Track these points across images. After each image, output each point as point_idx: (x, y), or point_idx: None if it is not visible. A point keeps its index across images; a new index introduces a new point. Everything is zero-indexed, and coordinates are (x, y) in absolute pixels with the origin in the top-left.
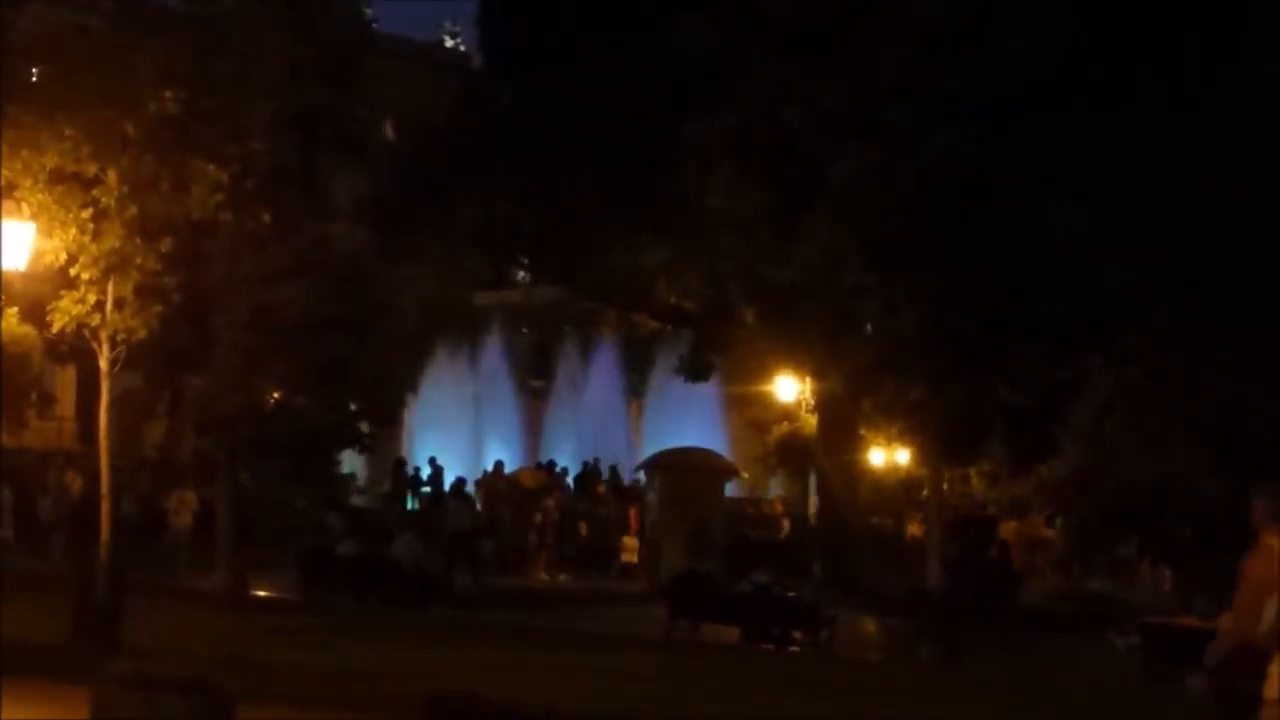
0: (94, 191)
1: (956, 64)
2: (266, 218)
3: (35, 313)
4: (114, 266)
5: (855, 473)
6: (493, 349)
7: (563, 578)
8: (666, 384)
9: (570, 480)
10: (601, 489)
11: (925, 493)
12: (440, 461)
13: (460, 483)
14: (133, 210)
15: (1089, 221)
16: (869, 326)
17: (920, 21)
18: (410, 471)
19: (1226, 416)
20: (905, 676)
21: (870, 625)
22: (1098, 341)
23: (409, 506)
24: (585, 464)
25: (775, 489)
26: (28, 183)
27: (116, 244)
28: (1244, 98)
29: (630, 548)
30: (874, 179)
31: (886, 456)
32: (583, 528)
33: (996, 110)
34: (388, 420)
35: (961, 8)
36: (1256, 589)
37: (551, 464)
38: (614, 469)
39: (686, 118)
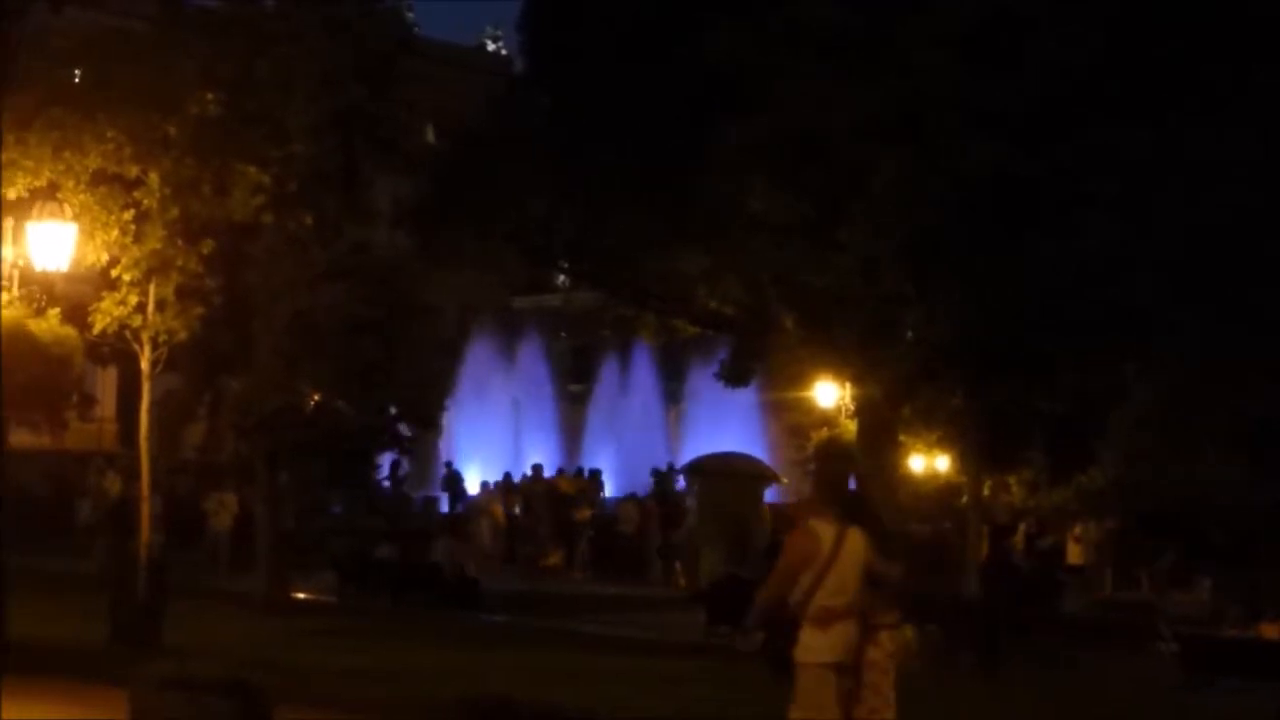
0: (136, 193)
1: (992, 73)
2: (308, 220)
3: (77, 314)
4: (155, 268)
5: (895, 479)
6: (531, 353)
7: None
8: (705, 389)
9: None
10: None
11: (964, 499)
12: (459, 466)
13: (455, 519)
14: (174, 212)
15: (1123, 231)
16: (909, 334)
17: (956, 29)
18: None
19: (1264, 427)
20: (943, 684)
21: (908, 632)
22: (1134, 350)
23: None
24: (657, 471)
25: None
26: (70, 184)
27: (158, 246)
28: (1276, 108)
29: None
30: (911, 187)
31: (926, 463)
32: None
33: (1032, 120)
34: (427, 423)
35: (997, 17)
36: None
37: (595, 472)
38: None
39: (725, 124)
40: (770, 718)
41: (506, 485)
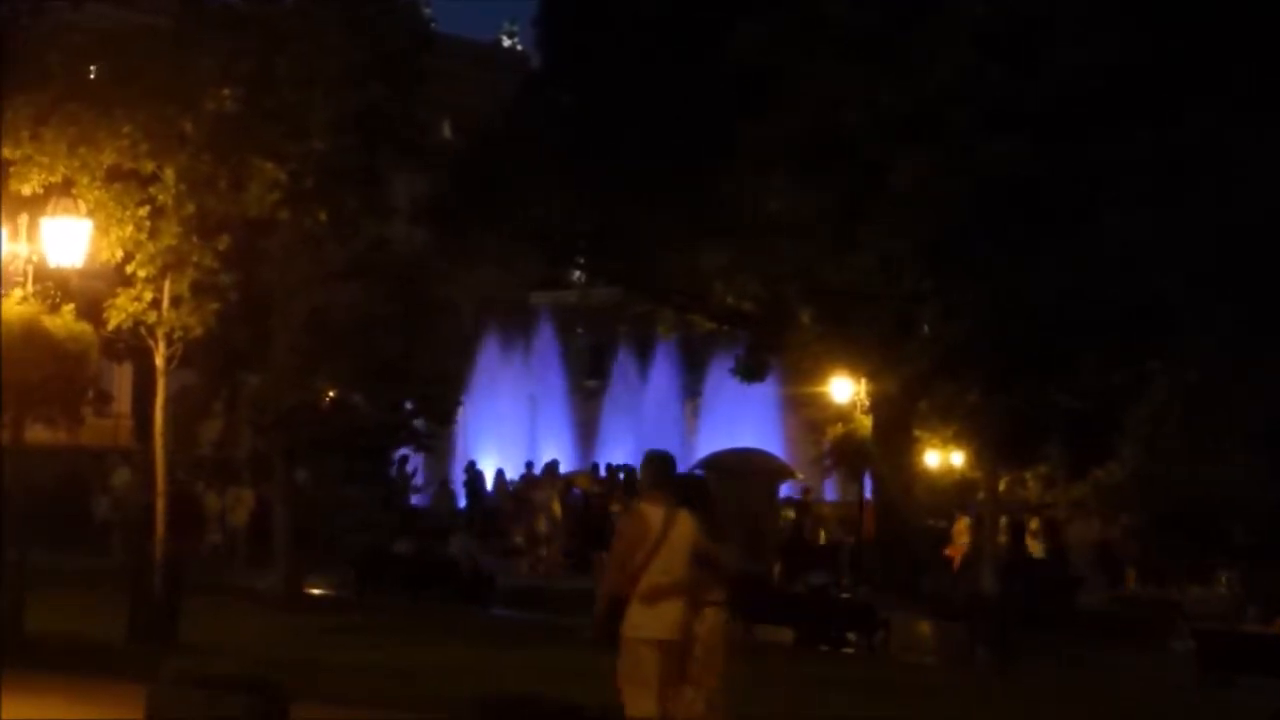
0: (151, 189)
1: (1014, 69)
2: (324, 217)
3: (92, 310)
4: (171, 264)
5: (910, 474)
6: (548, 349)
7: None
8: (722, 385)
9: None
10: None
11: (981, 495)
12: (482, 465)
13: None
14: (190, 208)
15: (1146, 227)
16: (926, 329)
17: (978, 26)
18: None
19: None
20: (960, 680)
21: (925, 628)
22: (1154, 347)
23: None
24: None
25: (831, 491)
26: (85, 180)
27: (173, 242)
28: None
29: None
30: (932, 183)
31: (942, 458)
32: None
33: (1055, 116)
34: (443, 419)
35: (1019, 12)
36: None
37: (612, 469)
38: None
39: (745, 120)
40: (786, 710)
41: (553, 476)
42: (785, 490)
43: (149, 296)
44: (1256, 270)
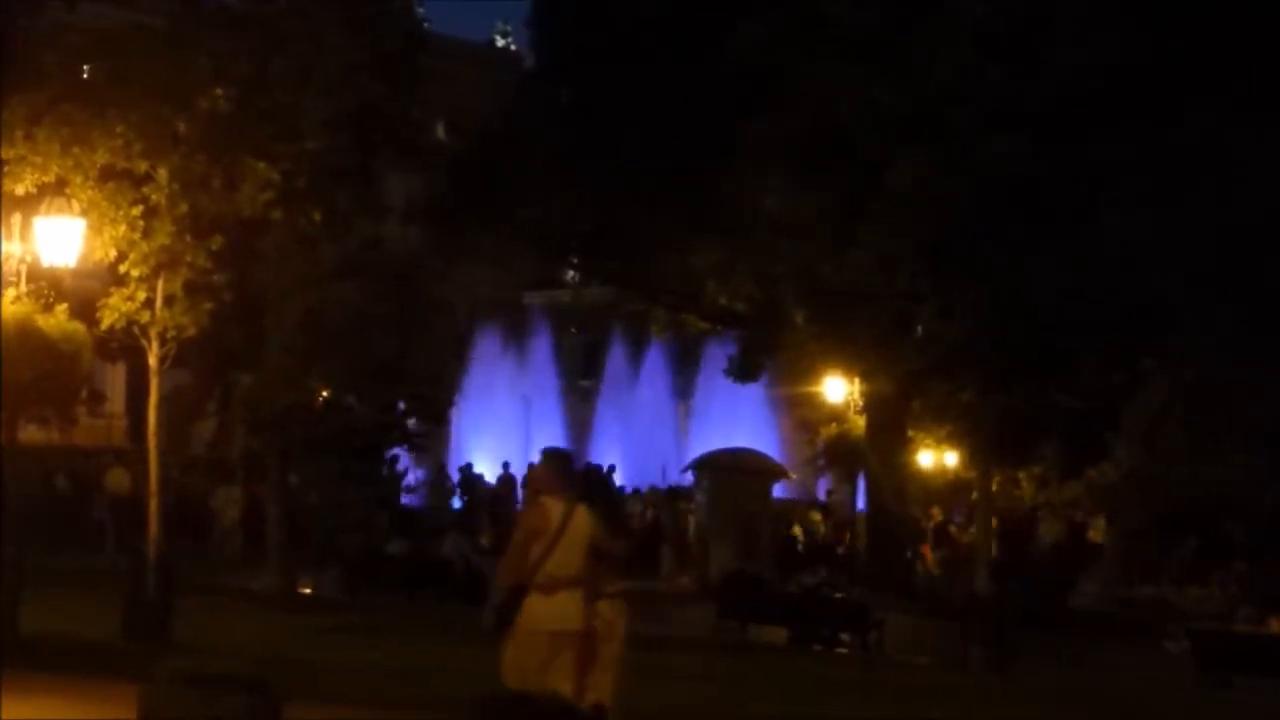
0: (144, 189)
1: (1014, 69)
2: (317, 217)
3: (85, 310)
4: (164, 264)
5: (904, 474)
6: (541, 349)
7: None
8: (715, 385)
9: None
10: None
11: (974, 495)
12: (479, 467)
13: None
14: (183, 207)
15: (1145, 227)
16: (920, 329)
17: (977, 26)
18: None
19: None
20: (954, 680)
21: (919, 627)
22: (1153, 347)
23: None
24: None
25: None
26: (78, 179)
27: (166, 241)
28: None
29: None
30: (931, 183)
31: (935, 458)
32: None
33: (1054, 116)
34: (437, 419)
35: (1020, 12)
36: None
37: (610, 468)
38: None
39: (742, 119)
40: (782, 710)
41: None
42: (779, 491)
43: (142, 296)
44: (1256, 270)
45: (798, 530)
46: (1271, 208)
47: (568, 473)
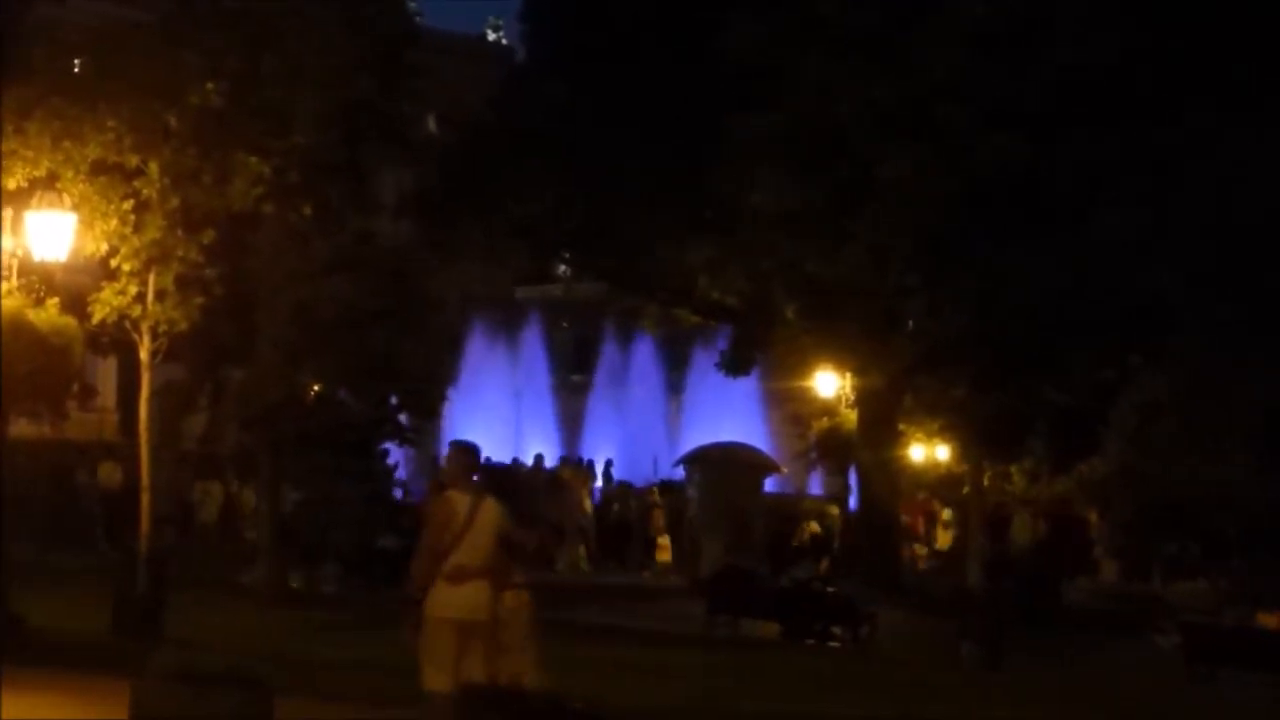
0: (135, 183)
1: (1009, 66)
2: (309, 211)
3: (76, 304)
4: (155, 258)
5: (895, 468)
6: (533, 343)
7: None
8: (706, 379)
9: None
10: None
11: (966, 489)
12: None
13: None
14: (174, 202)
15: (1139, 225)
16: (911, 324)
17: (973, 23)
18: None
19: (1271, 421)
20: (946, 676)
21: (911, 622)
22: (1144, 344)
23: None
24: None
25: (816, 485)
26: (69, 174)
27: (158, 235)
28: None
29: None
30: (923, 179)
31: (926, 452)
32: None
33: (1048, 113)
34: (429, 414)
35: (1019, 11)
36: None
37: (608, 463)
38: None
39: (735, 115)
40: (774, 706)
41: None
42: (770, 485)
43: (133, 290)
44: (1249, 268)
45: (815, 526)
46: (1265, 207)
47: (474, 466)
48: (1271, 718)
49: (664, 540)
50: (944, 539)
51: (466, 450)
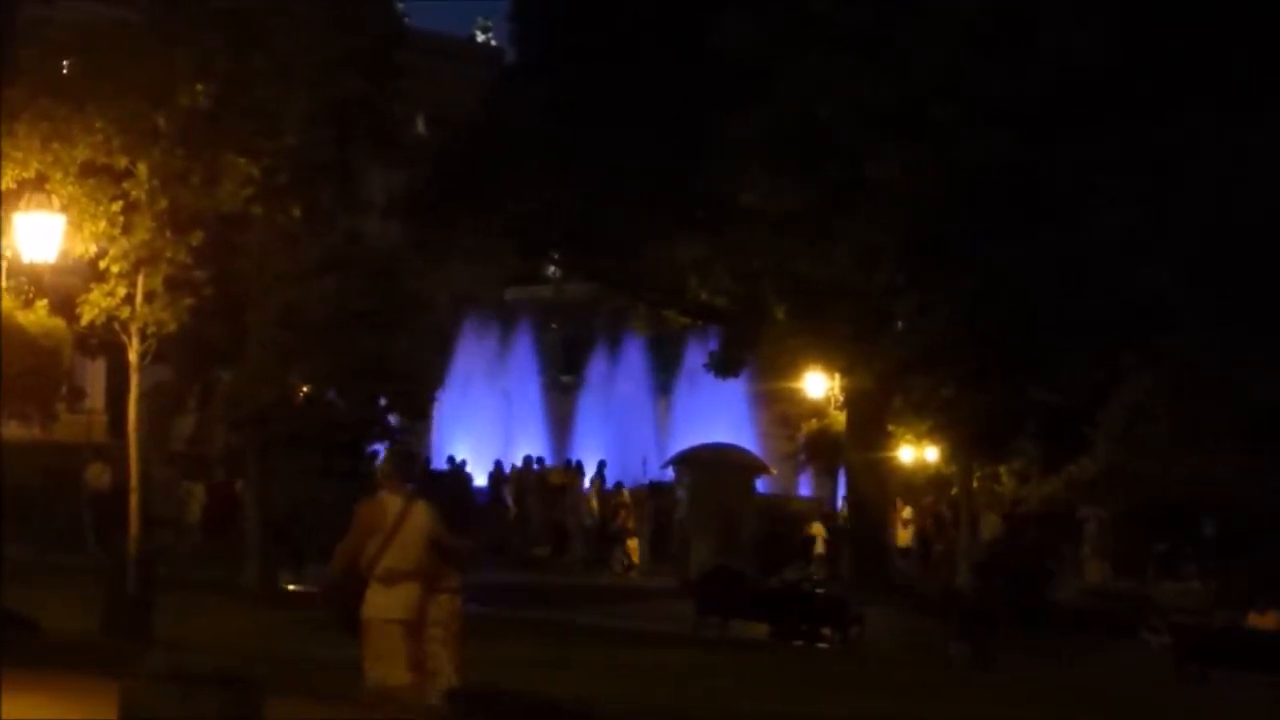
0: (124, 184)
1: (1001, 65)
2: (298, 212)
3: (65, 305)
4: (144, 259)
5: (885, 469)
6: (523, 344)
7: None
8: (696, 380)
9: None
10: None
11: (955, 490)
12: (460, 458)
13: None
14: (163, 203)
15: (1129, 225)
16: (900, 325)
17: (964, 22)
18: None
19: (1263, 421)
20: (935, 676)
21: (900, 622)
22: (1133, 344)
23: None
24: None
25: (805, 486)
26: (58, 175)
27: (146, 237)
28: None
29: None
30: (913, 178)
31: (916, 453)
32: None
33: (1040, 112)
34: (418, 415)
35: (1007, 9)
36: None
37: (579, 463)
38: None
39: (724, 115)
40: (765, 706)
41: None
42: (760, 486)
43: (122, 292)
44: (1239, 267)
45: (818, 529)
46: (1259, 206)
47: (408, 470)
48: (1266, 718)
49: (632, 542)
50: (904, 536)
51: (400, 455)
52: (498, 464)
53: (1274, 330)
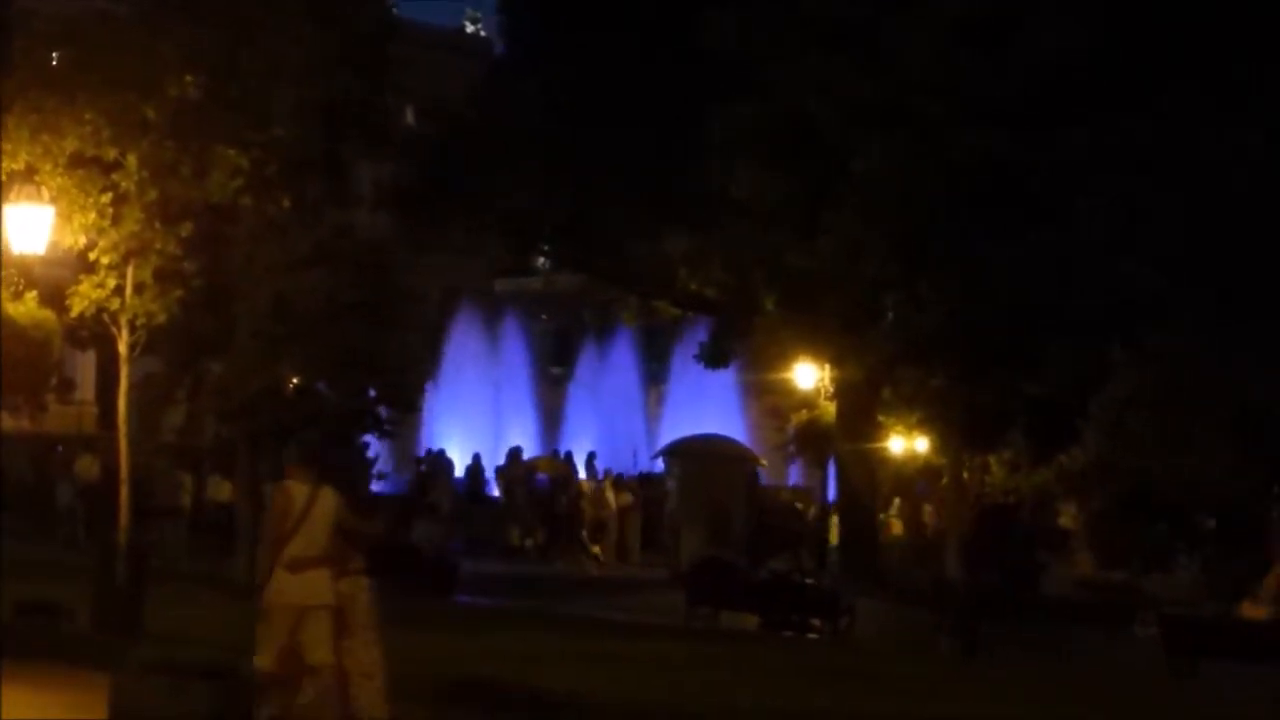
0: (114, 176)
1: (987, 60)
2: (287, 204)
3: (55, 297)
4: (133, 251)
5: (874, 460)
6: (512, 336)
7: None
8: (686, 371)
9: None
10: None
11: (945, 480)
12: (451, 453)
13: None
14: (152, 195)
15: (1114, 217)
16: (890, 316)
17: (950, 16)
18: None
19: (1250, 411)
20: (923, 667)
21: (890, 614)
22: (1121, 335)
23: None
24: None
25: (795, 477)
26: (48, 167)
27: (136, 228)
28: (1269, 96)
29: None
30: (898, 171)
31: (906, 444)
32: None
33: (1026, 107)
34: (408, 407)
35: (994, 4)
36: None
37: (568, 454)
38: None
39: (711, 106)
40: (756, 698)
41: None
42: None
43: (112, 283)
44: (1226, 261)
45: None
46: (1241, 200)
47: (313, 458)
48: (1258, 710)
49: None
50: (895, 526)
51: (305, 443)
52: (476, 457)
53: (1262, 324)
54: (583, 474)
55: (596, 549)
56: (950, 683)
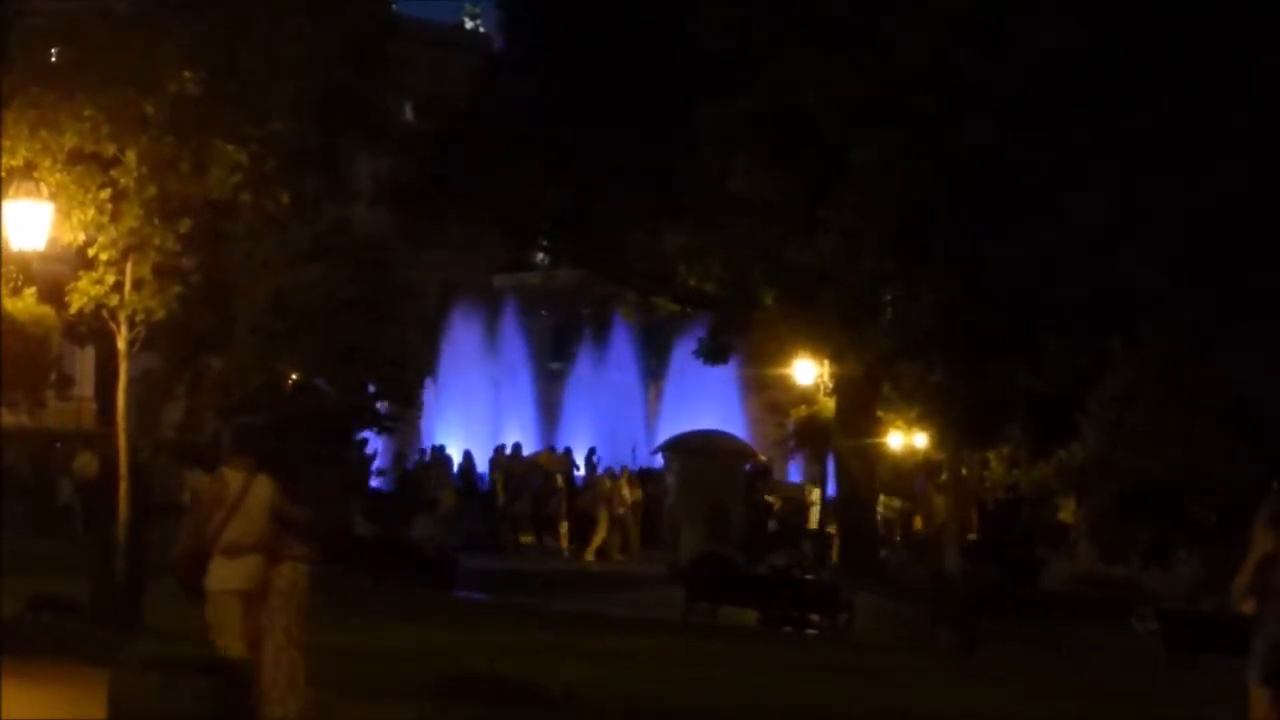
0: (112, 172)
1: (982, 53)
2: (286, 199)
3: (53, 293)
4: (132, 247)
5: (874, 456)
6: (511, 331)
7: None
8: (685, 366)
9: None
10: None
11: (944, 476)
12: (449, 450)
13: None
14: (151, 191)
15: (1112, 211)
16: (889, 312)
17: (946, 10)
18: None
19: (1249, 407)
20: (922, 662)
21: (890, 608)
22: (1119, 330)
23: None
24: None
25: (795, 472)
26: (46, 163)
27: (135, 224)
28: (1266, 91)
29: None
30: (897, 167)
31: (905, 440)
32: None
33: (1021, 100)
34: (407, 402)
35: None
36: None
37: (591, 450)
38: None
39: (709, 102)
40: (754, 693)
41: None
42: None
43: (111, 280)
44: (1223, 254)
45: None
46: (1238, 192)
47: (248, 445)
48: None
49: (564, 527)
50: (813, 519)
51: (241, 430)
52: (467, 454)
53: (1261, 320)
54: (581, 470)
55: (566, 543)
56: (950, 678)
